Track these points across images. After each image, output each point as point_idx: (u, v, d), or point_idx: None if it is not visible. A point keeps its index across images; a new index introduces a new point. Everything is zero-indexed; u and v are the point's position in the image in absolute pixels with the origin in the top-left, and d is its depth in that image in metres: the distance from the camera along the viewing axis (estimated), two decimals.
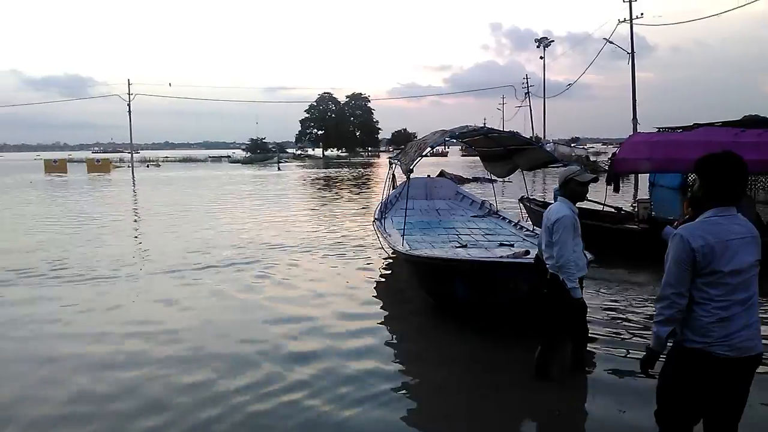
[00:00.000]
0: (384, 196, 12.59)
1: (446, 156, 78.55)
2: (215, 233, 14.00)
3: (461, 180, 31.26)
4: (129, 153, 62.91)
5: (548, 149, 16.12)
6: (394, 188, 12.81)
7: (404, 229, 8.60)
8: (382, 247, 10.72)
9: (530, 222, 10.60)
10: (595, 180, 5.19)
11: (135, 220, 18.48)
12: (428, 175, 13.56)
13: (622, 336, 6.24)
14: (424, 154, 8.86)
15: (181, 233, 14.19)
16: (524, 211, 12.60)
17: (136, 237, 14.80)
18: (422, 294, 7.65)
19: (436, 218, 11.53)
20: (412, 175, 8.76)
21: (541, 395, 4.84)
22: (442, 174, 30.88)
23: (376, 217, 10.91)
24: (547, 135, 72.01)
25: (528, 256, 5.53)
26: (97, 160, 58.86)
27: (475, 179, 30.44)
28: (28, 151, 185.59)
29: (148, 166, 64.66)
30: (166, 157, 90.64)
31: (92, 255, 11.35)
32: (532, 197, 14.81)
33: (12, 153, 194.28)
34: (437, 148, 10.13)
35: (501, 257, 5.53)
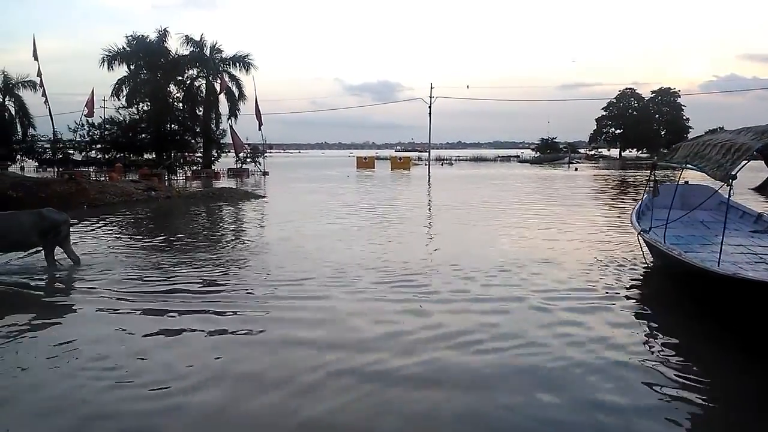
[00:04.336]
0: (640, 204, 11.40)
1: None
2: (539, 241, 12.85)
3: None
4: (425, 151, 67.75)
5: None
6: (655, 195, 11.27)
7: (721, 244, 7.11)
8: (664, 264, 8.96)
9: None
10: None
11: (428, 218, 19.59)
12: (686, 181, 11.59)
13: None
14: (748, 157, 7.19)
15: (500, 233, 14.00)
16: None
17: (431, 237, 15.41)
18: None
19: (705, 232, 9.96)
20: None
21: None
22: None
23: (642, 228, 9.63)
24: None
25: None
26: (400, 158, 64.97)
27: None
28: (344, 149, 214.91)
29: (442, 165, 68.54)
30: (458, 156, 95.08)
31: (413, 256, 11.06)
32: None
33: (332, 150, 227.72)
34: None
35: None
